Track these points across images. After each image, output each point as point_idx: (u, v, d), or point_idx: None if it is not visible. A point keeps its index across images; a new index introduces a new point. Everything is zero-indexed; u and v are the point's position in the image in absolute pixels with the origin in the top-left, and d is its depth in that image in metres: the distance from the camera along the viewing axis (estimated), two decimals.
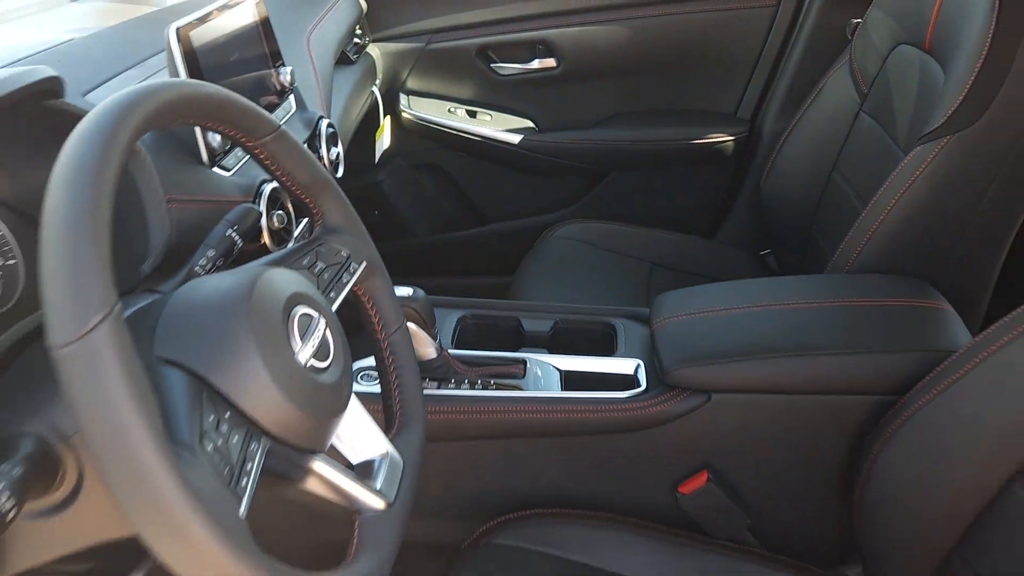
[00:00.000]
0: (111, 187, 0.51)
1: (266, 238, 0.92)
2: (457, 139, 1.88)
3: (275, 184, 0.96)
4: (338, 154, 1.24)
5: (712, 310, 1.12)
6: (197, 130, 0.90)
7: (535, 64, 1.84)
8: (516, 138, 1.86)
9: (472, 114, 1.89)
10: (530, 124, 1.89)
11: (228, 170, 0.94)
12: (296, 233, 1.01)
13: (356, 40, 1.69)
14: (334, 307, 0.72)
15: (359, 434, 0.74)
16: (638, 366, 1.10)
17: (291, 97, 1.18)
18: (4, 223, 0.79)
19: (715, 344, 1.05)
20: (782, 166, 1.63)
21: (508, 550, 1.01)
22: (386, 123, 1.85)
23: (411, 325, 0.98)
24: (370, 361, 1.07)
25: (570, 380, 1.10)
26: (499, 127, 1.88)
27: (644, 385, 1.07)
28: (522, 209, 1.92)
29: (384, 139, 1.84)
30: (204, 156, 0.91)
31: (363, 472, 0.73)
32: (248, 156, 0.98)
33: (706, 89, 1.86)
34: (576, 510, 1.08)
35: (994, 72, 1.10)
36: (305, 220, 1.02)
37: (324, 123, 1.19)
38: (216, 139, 0.92)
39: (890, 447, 0.95)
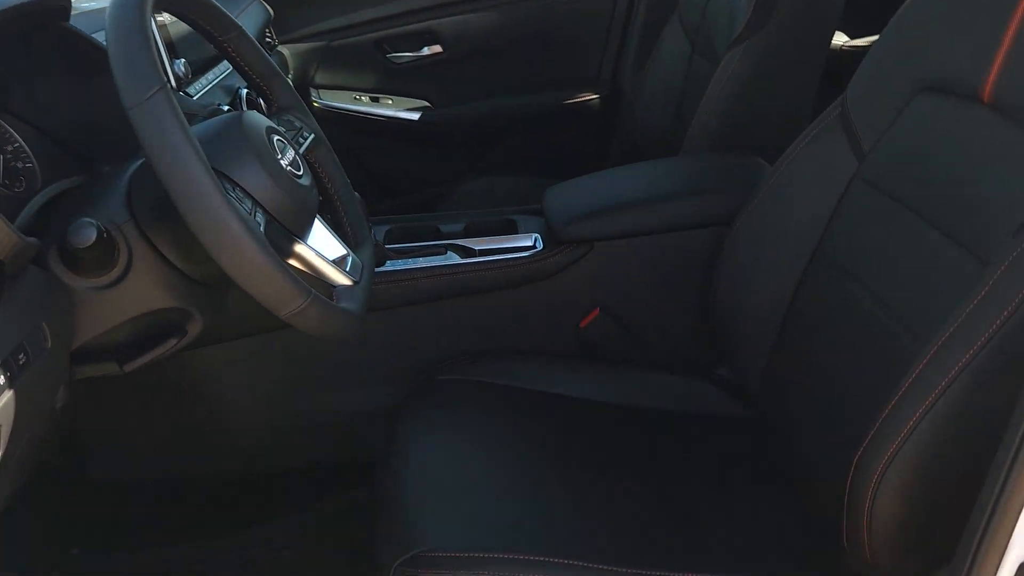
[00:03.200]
0: (149, 19, 0.76)
1: None
2: (364, 122, 2.16)
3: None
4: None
5: (587, 186, 1.42)
6: (166, 61, 1.14)
7: (424, 51, 2.15)
8: (415, 116, 2.16)
9: (375, 99, 2.18)
10: (426, 103, 2.19)
11: (191, 96, 1.19)
12: None
13: (268, 41, 1.95)
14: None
15: (330, 244, 0.98)
16: (536, 238, 1.38)
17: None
18: (21, 136, 1.01)
19: (591, 204, 1.35)
20: (640, 113, 1.98)
21: (452, 383, 1.25)
22: None
23: None
24: None
25: (482, 255, 1.36)
26: (399, 108, 2.17)
27: (540, 247, 1.35)
28: (428, 177, 2.20)
29: None
30: (172, 82, 1.15)
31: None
32: (208, 86, 1.23)
33: (570, 58, 2.21)
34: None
35: None
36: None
37: (244, 91, 1.43)
38: (180, 69, 1.17)
39: (725, 262, 1.25)
